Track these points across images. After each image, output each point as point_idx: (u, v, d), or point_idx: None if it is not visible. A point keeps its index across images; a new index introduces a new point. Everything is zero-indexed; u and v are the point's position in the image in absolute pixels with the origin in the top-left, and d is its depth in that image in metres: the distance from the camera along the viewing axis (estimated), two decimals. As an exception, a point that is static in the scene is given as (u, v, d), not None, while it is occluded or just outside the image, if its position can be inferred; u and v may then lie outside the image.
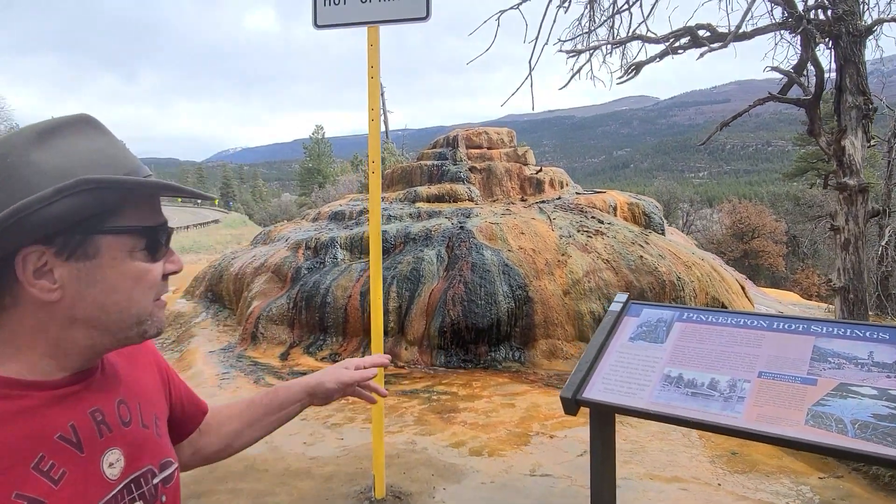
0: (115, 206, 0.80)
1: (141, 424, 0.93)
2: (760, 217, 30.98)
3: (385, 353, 3.70)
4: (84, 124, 0.83)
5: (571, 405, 2.53)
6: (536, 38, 5.64)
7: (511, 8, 5.49)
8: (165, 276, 0.89)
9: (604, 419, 2.59)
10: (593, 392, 2.54)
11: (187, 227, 45.06)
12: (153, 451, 0.94)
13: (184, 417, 1.15)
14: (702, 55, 5.41)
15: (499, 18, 5.38)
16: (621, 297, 3.01)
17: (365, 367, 1.28)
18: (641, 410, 2.39)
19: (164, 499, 0.94)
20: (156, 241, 0.85)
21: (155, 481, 0.93)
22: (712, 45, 5.53)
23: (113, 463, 0.85)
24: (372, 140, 3.40)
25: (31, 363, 0.80)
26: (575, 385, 2.57)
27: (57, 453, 0.79)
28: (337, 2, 3.30)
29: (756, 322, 2.57)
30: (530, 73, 5.58)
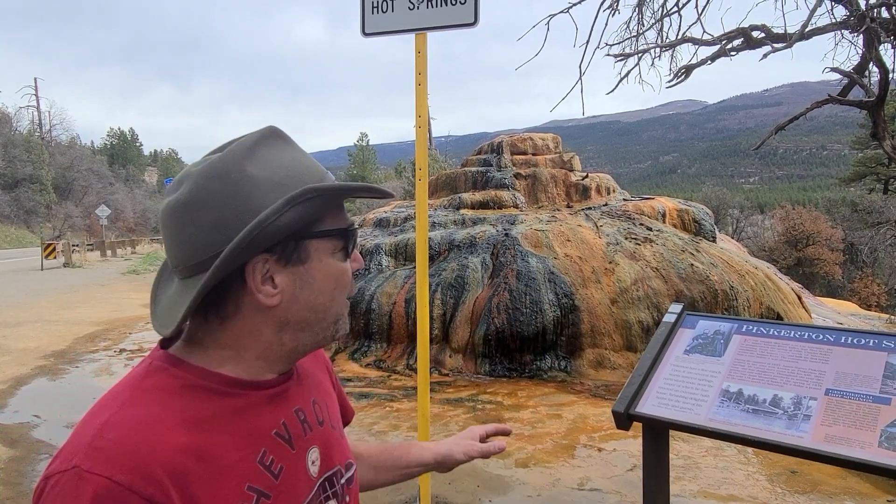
0: (322, 212, 0.86)
1: (330, 425, 0.98)
2: (815, 223, 29.88)
3: (430, 360, 3.66)
4: (275, 138, 0.88)
5: (624, 420, 2.44)
6: (587, 42, 5.55)
7: (561, 12, 5.42)
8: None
9: (658, 435, 2.49)
10: (647, 407, 2.45)
11: (236, 233, 46.20)
12: (341, 451, 0.98)
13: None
14: (765, 56, 5.22)
15: (548, 23, 5.31)
16: (675, 307, 2.90)
17: (488, 435, 1.36)
18: (699, 427, 2.29)
19: (347, 499, 0.98)
20: (350, 241, 0.91)
21: (342, 481, 0.96)
22: (776, 46, 5.33)
23: (315, 461, 0.90)
24: (419, 147, 3.38)
25: (247, 365, 0.85)
26: (627, 399, 2.48)
27: (275, 449, 0.84)
28: (385, 9, 3.30)
29: (822, 336, 2.44)
30: (580, 79, 5.49)
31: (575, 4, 5.45)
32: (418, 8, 3.26)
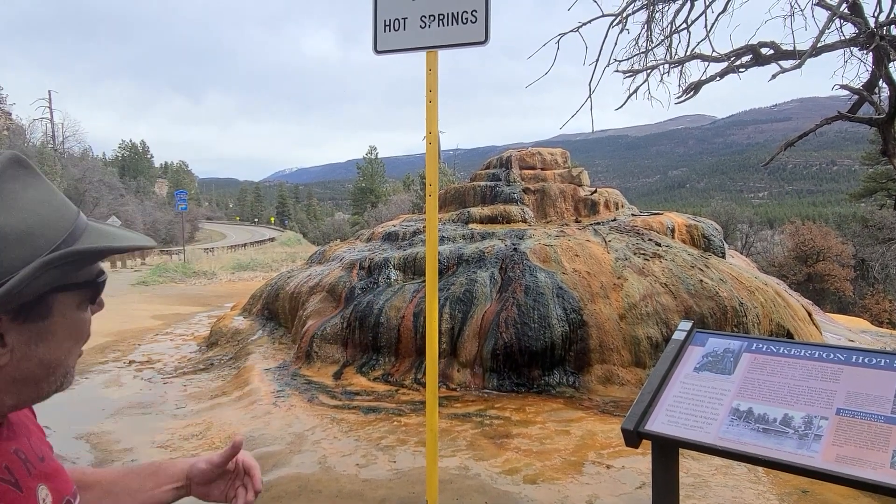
0: (78, 270, 0.80)
1: (51, 458, 0.94)
2: (825, 239, 29.68)
3: (438, 374, 3.68)
4: (17, 168, 0.77)
5: (633, 438, 2.44)
6: (597, 60, 5.60)
7: (571, 31, 5.47)
8: None
9: (667, 453, 2.48)
10: (656, 425, 2.44)
11: (244, 244, 46.40)
12: (65, 482, 0.94)
13: None
14: (774, 76, 5.23)
15: (558, 42, 5.36)
16: (685, 324, 2.89)
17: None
18: (709, 446, 2.28)
19: None
20: (99, 290, 0.86)
21: None
22: (783, 65, 5.35)
23: (44, 498, 0.85)
24: (429, 163, 3.40)
25: None
26: (637, 416, 2.48)
27: (3, 496, 0.78)
28: (397, 28, 3.34)
29: (833, 355, 2.43)
30: (590, 96, 5.53)
31: (585, 24, 5.51)
32: (430, 27, 3.30)
